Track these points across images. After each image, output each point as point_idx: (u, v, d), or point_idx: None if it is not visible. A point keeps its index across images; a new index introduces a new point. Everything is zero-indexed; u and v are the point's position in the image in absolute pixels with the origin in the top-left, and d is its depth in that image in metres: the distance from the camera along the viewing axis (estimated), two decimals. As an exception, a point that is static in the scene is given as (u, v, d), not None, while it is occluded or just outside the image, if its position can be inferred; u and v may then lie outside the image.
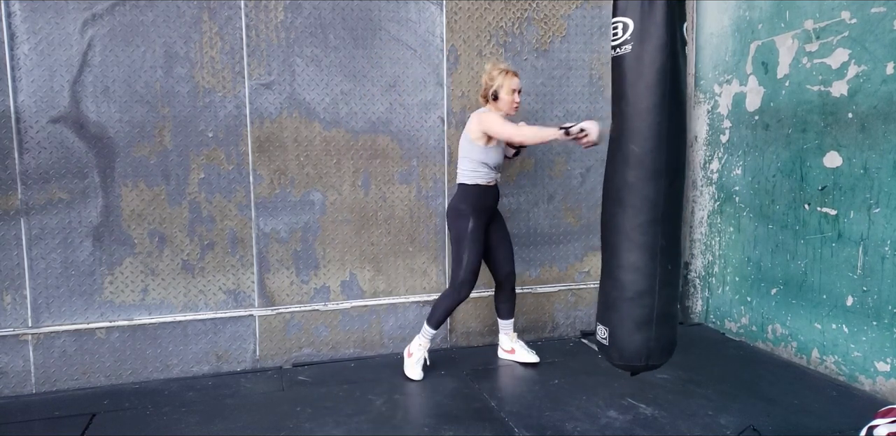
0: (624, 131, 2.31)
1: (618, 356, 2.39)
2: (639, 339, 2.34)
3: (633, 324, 2.34)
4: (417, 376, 3.13)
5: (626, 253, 2.34)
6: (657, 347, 2.37)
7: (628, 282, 2.34)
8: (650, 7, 2.22)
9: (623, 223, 2.34)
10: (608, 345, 2.40)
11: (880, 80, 2.86)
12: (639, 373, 2.50)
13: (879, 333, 2.91)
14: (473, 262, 3.06)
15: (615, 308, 2.37)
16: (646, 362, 2.38)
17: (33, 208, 3.04)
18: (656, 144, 2.26)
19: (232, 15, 3.21)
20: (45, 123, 3.02)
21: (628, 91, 2.28)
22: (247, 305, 3.39)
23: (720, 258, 3.91)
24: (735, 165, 3.75)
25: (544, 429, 2.62)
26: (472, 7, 3.55)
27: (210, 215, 3.28)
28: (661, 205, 2.30)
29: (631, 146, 2.28)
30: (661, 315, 2.35)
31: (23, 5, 2.94)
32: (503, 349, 3.45)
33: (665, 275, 2.35)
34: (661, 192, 2.29)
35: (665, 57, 2.23)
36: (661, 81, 2.24)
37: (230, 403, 2.93)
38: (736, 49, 3.72)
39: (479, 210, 3.07)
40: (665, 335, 2.38)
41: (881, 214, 2.89)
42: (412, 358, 3.19)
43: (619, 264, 2.36)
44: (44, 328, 3.09)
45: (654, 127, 2.25)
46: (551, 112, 3.75)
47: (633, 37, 2.25)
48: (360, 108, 3.44)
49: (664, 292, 2.36)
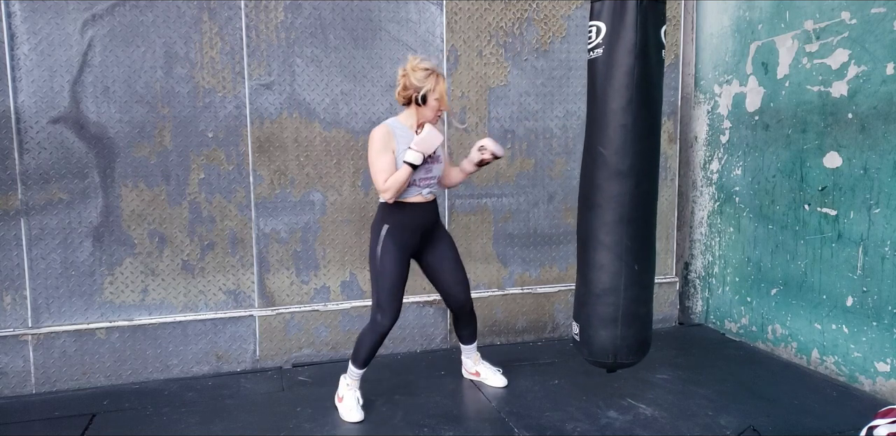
0: (593, 133, 2.36)
1: (587, 352, 2.46)
2: (605, 336, 2.40)
3: (599, 321, 2.40)
4: (358, 418, 2.71)
5: (592, 252, 2.41)
6: (624, 345, 2.41)
7: (595, 280, 2.40)
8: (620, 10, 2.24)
9: (591, 223, 2.40)
10: (579, 341, 2.46)
11: (880, 81, 2.86)
12: (615, 370, 2.54)
13: (879, 333, 2.91)
14: (391, 287, 2.66)
15: (584, 305, 2.44)
16: (614, 360, 2.43)
17: (33, 208, 3.04)
18: (621, 146, 2.30)
19: (232, 15, 3.22)
20: (45, 124, 3.02)
21: (598, 93, 2.33)
22: (247, 305, 3.39)
23: (720, 259, 3.91)
24: (735, 165, 3.75)
25: (544, 429, 2.62)
26: (472, 7, 3.55)
27: (210, 216, 3.28)
28: (627, 205, 2.34)
29: (598, 148, 2.33)
30: (628, 314, 2.39)
31: (23, 5, 2.94)
32: (468, 371, 3.17)
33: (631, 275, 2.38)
34: (626, 193, 2.33)
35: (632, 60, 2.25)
36: (628, 85, 2.27)
37: (230, 403, 2.93)
38: (736, 49, 3.72)
39: (402, 230, 2.69)
40: (633, 335, 2.41)
41: (881, 214, 2.89)
42: (344, 403, 2.77)
43: (588, 263, 2.43)
44: (44, 329, 3.09)
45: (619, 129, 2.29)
46: (551, 112, 3.75)
47: (604, 40, 2.27)
48: (360, 108, 3.44)
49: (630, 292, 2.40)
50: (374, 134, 2.64)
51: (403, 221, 2.70)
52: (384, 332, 2.70)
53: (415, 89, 2.63)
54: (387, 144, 2.62)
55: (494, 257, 3.73)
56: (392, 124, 2.69)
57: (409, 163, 2.57)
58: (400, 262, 2.69)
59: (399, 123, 2.71)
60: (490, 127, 3.63)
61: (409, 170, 2.58)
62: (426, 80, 2.62)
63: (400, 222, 2.70)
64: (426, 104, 2.65)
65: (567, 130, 3.77)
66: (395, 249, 2.68)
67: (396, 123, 2.71)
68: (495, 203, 3.70)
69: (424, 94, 2.63)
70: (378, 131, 2.64)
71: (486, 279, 3.73)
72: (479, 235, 3.69)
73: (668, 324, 4.09)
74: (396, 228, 2.69)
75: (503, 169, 3.69)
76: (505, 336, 3.78)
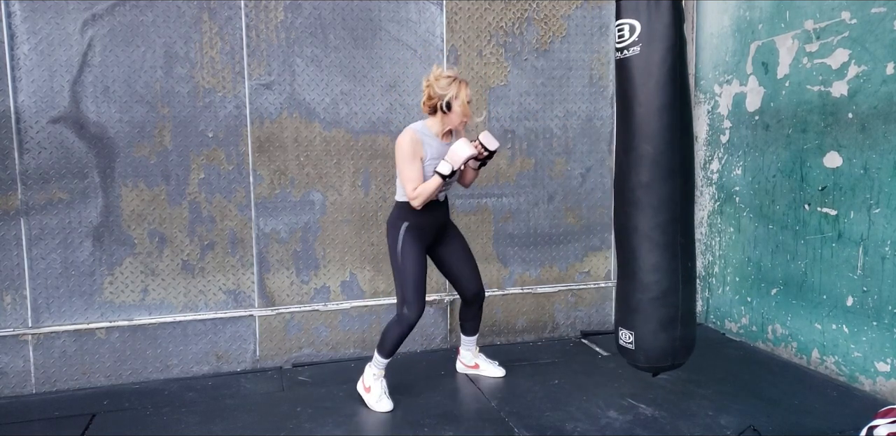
0: (636, 132, 2.31)
1: (644, 359, 2.37)
2: (665, 339, 2.33)
3: (658, 324, 2.33)
4: (387, 408, 2.81)
5: (647, 254, 2.33)
6: (682, 345, 2.37)
7: (652, 282, 2.32)
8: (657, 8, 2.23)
9: (641, 224, 2.33)
10: (633, 348, 2.37)
11: (880, 81, 2.86)
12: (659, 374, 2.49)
13: (879, 333, 2.91)
14: (415, 282, 2.76)
15: (639, 310, 2.35)
16: (672, 362, 2.38)
17: (33, 208, 3.04)
18: (669, 144, 2.27)
19: (232, 15, 3.21)
20: (45, 123, 3.02)
21: (638, 92, 2.29)
22: (247, 305, 3.39)
23: (720, 258, 3.91)
24: (735, 165, 3.75)
25: (544, 429, 2.62)
26: (472, 7, 3.55)
27: (210, 215, 3.28)
28: (679, 203, 2.30)
29: (644, 146, 2.28)
30: (686, 313, 2.35)
31: (23, 5, 2.94)
32: (465, 365, 3.24)
33: (686, 272, 2.35)
34: (677, 190, 2.30)
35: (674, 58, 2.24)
36: (671, 82, 2.25)
37: (230, 403, 2.93)
38: (736, 49, 3.71)
39: (419, 228, 2.80)
40: (689, 333, 2.38)
41: (881, 214, 2.89)
42: (372, 393, 2.85)
43: (641, 266, 2.34)
44: (44, 328, 3.09)
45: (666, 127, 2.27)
46: (551, 112, 3.75)
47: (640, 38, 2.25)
48: (360, 108, 3.44)
49: (686, 290, 2.36)
50: (403, 140, 2.70)
51: (421, 221, 2.82)
52: (412, 323, 2.80)
53: (439, 97, 2.70)
54: (416, 152, 2.70)
55: (494, 257, 3.73)
56: (420, 131, 2.75)
57: (441, 174, 2.65)
58: (421, 257, 2.81)
59: (427, 128, 2.78)
60: (490, 127, 3.63)
61: (439, 181, 2.67)
62: (449, 87, 2.69)
63: (418, 221, 2.81)
64: (451, 111, 2.72)
65: (567, 130, 3.77)
66: (414, 244, 2.79)
67: (424, 129, 2.77)
68: (495, 203, 3.70)
69: (448, 101, 2.69)
70: (407, 137, 2.70)
71: (486, 279, 3.73)
72: (480, 235, 3.69)
73: (669, 324, 4.08)
74: (415, 226, 2.80)
75: (503, 169, 3.69)
76: (505, 336, 3.78)
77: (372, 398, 2.85)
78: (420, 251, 2.81)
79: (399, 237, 2.79)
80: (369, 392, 2.87)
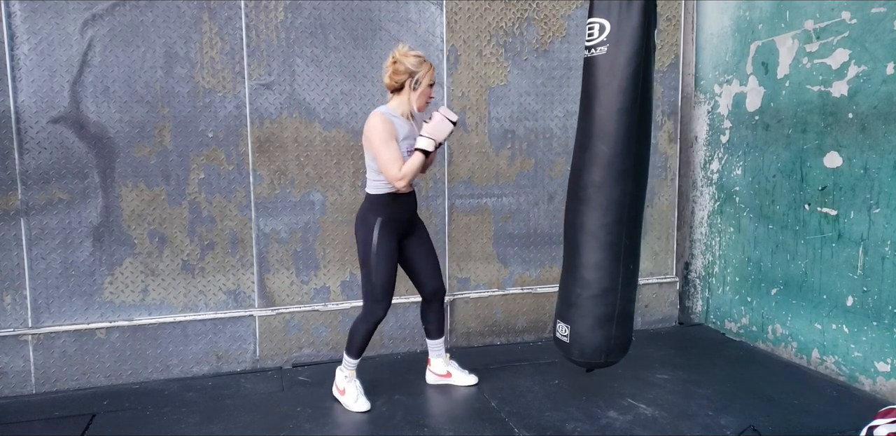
0: (593, 132, 2.33)
1: (578, 353, 2.44)
2: (600, 336, 2.39)
3: (595, 321, 2.39)
4: (365, 407, 2.79)
5: (590, 252, 2.38)
6: (616, 344, 2.43)
7: (593, 280, 2.38)
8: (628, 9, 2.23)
9: (588, 222, 2.37)
10: (569, 342, 2.44)
11: (880, 81, 2.86)
12: (594, 370, 2.53)
13: (879, 333, 2.91)
14: (385, 278, 2.72)
15: (577, 305, 2.42)
16: (605, 359, 2.43)
17: (33, 208, 3.04)
18: (625, 146, 2.30)
19: (232, 15, 3.21)
20: (45, 123, 3.02)
21: (600, 93, 2.31)
22: (247, 305, 3.39)
23: (720, 258, 3.91)
24: (735, 165, 3.75)
25: (544, 429, 2.62)
26: (472, 7, 3.55)
27: (210, 215, 3.28)
28: (627, 206, 2.33)
29: (600, 146, 2.31)
30: (622, 313, 2.41)
31: (23, 5, 2.94)
32: (435, 373, 3.10)
33: (627, 274, 2.39)
34: (626, 193, 2.33)
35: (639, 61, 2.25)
36: (633, 85, 2.26)
37: (230, 403, 2.93)
38: (736, 49, 3.71)
39: (390, 221, 2.74)
40: (624, 333, 2.44)
41: (881, 214, 2.89)
42: (347, 395, 2.83)
43: (584, 263, 2.40)
44: (44, 329, 3.09)
45: (624, 129, 2.29)
46: (551, 112, 3.75)
47: (608, 39, 2.26)
48: (360, 108, 3.44)
49: (626, 291, 2.41)
50: (374, 122, 2.63)
51: (396, 213, 2.76)
52: (378, 320, 2.76)
53: (409, 74, 2.65)
54: (391, 132, 2.63)
55: (494, 257, 3.73)
56: (386, 112, 2.68)
57: (423, 150, 2.61)
58: (394, 255, 2.76)
59: (392, 110, 2.72)
60: (490, 127, 3.63)
61: (422, 157, 2.62)
62: (420, 65, 2.65)
63: (393, 214, 2.75)
64: (418, 90, 2.67)
65: (567, 130, 3.77)
66: (389, 242, 2.74)
67: (390, 110, 2.71)
68: (495, 203, 3.70)
69: (419, 79, 2.65)
70: (377, 118, 2.63)
71: (486, 279, 3.73)
72: (479, 235, 3.69)
73: (668, 324, 4.09)
74: (390, 220, 2.74)
75: (503, 169, 3.69)
76: (505, 336, 3.78)
77: (349, 399, 2.83)
78: (394, 250, 2.75)
79: (374, 233, 2.72)
80: (344, 394, 2.85)
